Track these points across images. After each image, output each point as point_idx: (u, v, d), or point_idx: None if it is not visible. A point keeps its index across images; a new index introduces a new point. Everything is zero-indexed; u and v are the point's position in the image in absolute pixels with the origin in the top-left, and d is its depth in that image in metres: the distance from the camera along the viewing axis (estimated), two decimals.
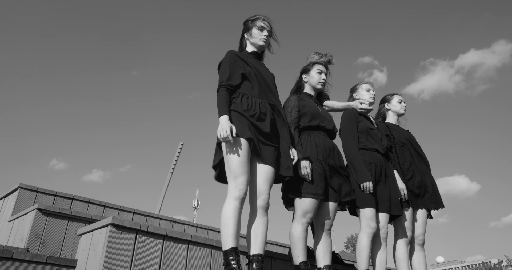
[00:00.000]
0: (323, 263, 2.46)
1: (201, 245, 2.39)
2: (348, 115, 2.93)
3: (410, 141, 3.28)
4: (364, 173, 2.68)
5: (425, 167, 3.24)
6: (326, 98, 3.07)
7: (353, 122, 2.89)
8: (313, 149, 2.55)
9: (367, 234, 2.65)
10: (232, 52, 2.43)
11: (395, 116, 3.43)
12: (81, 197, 4.05)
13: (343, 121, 2.93)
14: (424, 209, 3.11)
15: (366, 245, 2.65)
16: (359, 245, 2.67)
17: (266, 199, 2.18)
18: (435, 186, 3.21)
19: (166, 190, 16.22)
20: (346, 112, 2.97)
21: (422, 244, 3.09)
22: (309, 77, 2.84)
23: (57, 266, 2.36)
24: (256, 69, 2.40)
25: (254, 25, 2.51)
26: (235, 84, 2.29)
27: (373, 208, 2.69)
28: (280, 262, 2.68)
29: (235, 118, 2.20)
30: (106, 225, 2.10)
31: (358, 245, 2.69)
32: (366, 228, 2.66)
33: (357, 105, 2.94)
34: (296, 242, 2.40)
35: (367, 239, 2.65)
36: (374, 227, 2.67)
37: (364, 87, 3.11)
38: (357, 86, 3.16)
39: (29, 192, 3.71)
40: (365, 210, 2.68)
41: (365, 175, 2.67)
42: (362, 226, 2.68)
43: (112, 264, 2.00)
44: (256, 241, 2.12)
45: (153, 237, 2.21)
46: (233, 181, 2.10)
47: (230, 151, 2.14)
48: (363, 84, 3.14)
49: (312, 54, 3.29)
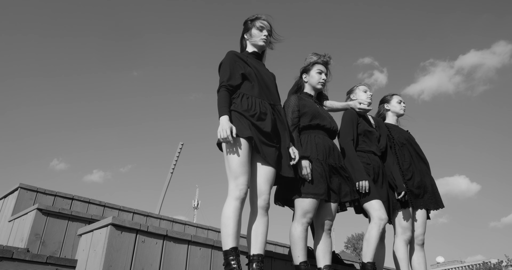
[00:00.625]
0: (323, 263, 2.46)
1: (201, 245, 2.39)
2: (348, 116, 2.95)
3: (409, 141, 3.28)
4: (361, 172, 2.70)
5: (425, 167, 3.25)
6: (326, 98, 3.08)
7: (353, 123, 2.91)
8: (313, 149, 2.55)
9: (377, 225, 2.63)
10: (232, 52, 2.43)
11: (395, 116, 3.43)
12: (81, 197, 4.05)
13: (344, 121, 2.94)
14: (423, 209, 3.12)
15: (375, 237, 2.61)
16: (369, 235, 2.64)
17: (267, 199, 2.18)
18: (434, 186, 3.21)
19: (166, 190, 16.24)
20: (346, 112, 2.98)
21: (422, 244, 3.09)
22: (309, 77, 2.84)
23: (57, 266, 2.36)
24: (256, 69, 2.40)
25: (253, 25, 2.51)
26: (235, 85, 2.30)
27: (379, 200, 2.69)
28: (280, 262, 2.68)
29: (235, 118, 2.20)
30: (106, 225, 2.10)
31: (367, 235, 2.66)
32: (377, 220, 2.64)
33: (356, 104, 2.95)
34: (296, 242, 2.40)
35: (377, 230, 2.62)
36: (385, 218, 2.65)
37: (361, 88, 3.13)
38: (354, 88, 3.17)
39: (29, 192, 3.71)
40: (372, 202, 2.68)
41: (362, 174, 2.69)
42: (373, 217, 2.66)
43: (112, 264, 2.00)
44: (257, 241, 2.12)
45: (153, 237, 2.21)
46: (234, 181, 2.10)
47: (230, 151, 2.14)
48: (360, 85, 3.16)
49: (310, 54, 3.29)
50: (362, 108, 2.94)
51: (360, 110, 2.95)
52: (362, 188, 2.67)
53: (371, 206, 2.68)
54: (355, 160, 2.75)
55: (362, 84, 3.16)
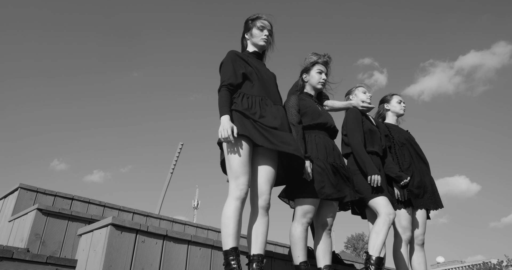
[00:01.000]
0: (323, 263, 2.46)
1: (201, 245, 2.39)
2: (354, 113, 2.93)
3: (409, 141, 3.28)
4: (372, 166, 2.69)
5: (425, 167, 3.25)
6: (326, 98, 3.07)
7: (359, 120, 2.90)
8: (314, 148, 2.55)
9: (387, 220, 2.55)
10: (233, 52, 2.43)
11: (395, 116, 3.43)
12: (81, 197, 4.05)
13: (350, 118, 2.92)
14: (423, 209, 3.12)
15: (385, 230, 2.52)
16: (378, 228, 2.55)
17: (267, 199, 2.18)
18: (434, 186, 3.21)
19: (166, 190, 16.24)
20: (351, 110, 2.96)
21: (422, 244, 3.09)
22: (309, 77, 2.84)
23: (57, 266, 2.36)
24: (257, 69, 2.40)
25: (254, 25, 2.51)
26: (236, 84, 2.30)
27: (385, 197, 2.67)
28: (280, 262, 2.68)
29: (236, 118, 2.20)
30: (106, 225, 2.10)
31: (376, 227, 2.56)
32: (385, 215, 2.58)
33: (359, 103, 2.94)
34: (296, 242, 2.40)
35: (387, 225, 2.53)
36: (394, 213, 2.60)
37: (360, 90, 3.11)
38: (353, 89, 3.16)
39: (29, 192, 3.71)
40: (378, 198, 2.65)
41: (373, 168, 2.68)
42: (380, 213, 2.60)
43: (112, 264, 2.00)
44: (257, 241, 2.12)
45: (153, 237, 2.21)
46: (234, 181, 2.10)
47: (231, 151, 2.14)
48: (359, 86, 3.14)
49: (310, 54, 3.29)
50: (365, 106, 2.93)
51: (363, 108, 2.94)
52: (374, 182, 2.64)
53: (378, 202, 2.64)
54: (364, 155, 2.74)
55: (361, 85, 3.15)
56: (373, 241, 2.55)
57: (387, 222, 2.56)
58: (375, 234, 2.55)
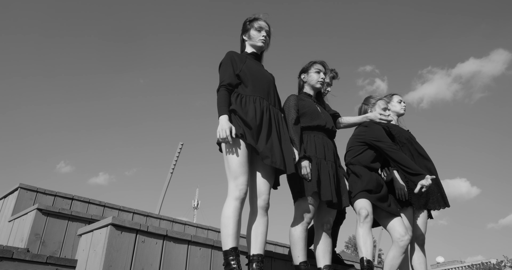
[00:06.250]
0: (323, 263, 2.46)
1: (201, 245, 2.39)
2: (375, 125, 2.91)
3: (410, 140, 3.27)
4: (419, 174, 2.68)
5: (429, 165, 3.17)
6: (326, 94, 3.12)
7: (383, 131, 2.90)
8: (312, 148, 2.54)
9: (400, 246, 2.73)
10: (231, 52, 2.43)
11: (395, 116, 3.43)
12: (81, 197, 4.05)
13: (375, 129, 2.90)
14: (424, 209, 3.10)
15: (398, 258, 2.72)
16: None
17: (266, 199, 2.18)
18: (440, 185, 3.16)
19: (166, 190, 16.22)
20: (373, 123, 2.92)
21: (422, 244, 3.08)
22: (308, 76, 2.83)
23: (57, 266, 2.36)
24: (255, 69, 2.40)
25: (252, 26, 2.52)
26: (234, 84, 2.30)
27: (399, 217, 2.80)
28: (280, 262, 2.68)
29: (234, 119, 2.20)
30: (106, 225, 2.10)
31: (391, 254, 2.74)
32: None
33: (377, 116, 2.87)
34: (296, 242, 2.40)
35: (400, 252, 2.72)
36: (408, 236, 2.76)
37: (381, 105, 3.09)
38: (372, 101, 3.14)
39: (29, 192, 3.71)
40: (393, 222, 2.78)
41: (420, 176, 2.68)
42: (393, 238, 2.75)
43: (112, 264, 2.00)
44: (256, 241, 2.12)
45: (153, 237, 2.21)
46: (233, 181, 2.10)
47: (230, 151, 2.14)
48: (380, 101, 3.11)
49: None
50: (383, 119, 2.85)
51: (381, 121, 2.87)
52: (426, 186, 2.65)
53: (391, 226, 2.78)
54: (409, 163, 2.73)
55: (382, 99, 3.12)
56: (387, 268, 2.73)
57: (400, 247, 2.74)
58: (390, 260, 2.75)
